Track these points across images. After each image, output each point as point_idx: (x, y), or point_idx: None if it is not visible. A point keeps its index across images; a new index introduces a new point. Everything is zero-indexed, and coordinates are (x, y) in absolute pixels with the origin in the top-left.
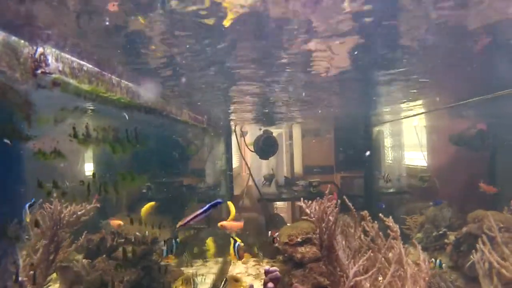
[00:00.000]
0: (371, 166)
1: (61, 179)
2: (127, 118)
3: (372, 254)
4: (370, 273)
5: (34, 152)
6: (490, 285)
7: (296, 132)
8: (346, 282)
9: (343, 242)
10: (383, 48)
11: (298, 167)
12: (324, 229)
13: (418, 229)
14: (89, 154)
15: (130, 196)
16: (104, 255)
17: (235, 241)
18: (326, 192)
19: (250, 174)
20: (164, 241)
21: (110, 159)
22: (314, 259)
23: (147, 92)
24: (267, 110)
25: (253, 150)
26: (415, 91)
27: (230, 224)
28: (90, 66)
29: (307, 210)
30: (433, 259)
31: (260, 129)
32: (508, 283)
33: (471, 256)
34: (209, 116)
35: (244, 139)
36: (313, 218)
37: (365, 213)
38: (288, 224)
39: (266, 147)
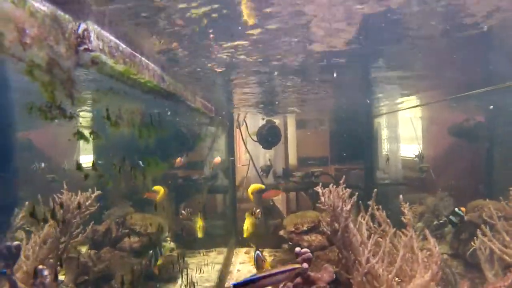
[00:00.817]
0: (370, 158)
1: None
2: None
3: (381, 240)
4: (380, 254)
5: (73, 132)
6: (491, 270)
7: (291, 123)
8: (360, 268)
9: (355, 229)
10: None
11: (292, 158)
12: (338, 215)
13: (418, 219)
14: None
15: (128, 187)
16: (109, 246)
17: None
18: (341, 181)
19: (254, 165)
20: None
21: (108, 151)
22: (320, 247)
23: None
24: (263, 97)
25: (255, 139)
26: (413, 83)
27: None
28: (124, 46)
29: (322, 198)
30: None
31: (263, 119)
32: (508, 267)
33: (472, 243)
34: (213, 103)
35: (247, 128)
36: (326, 206)
37: (373, 202)
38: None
39: (270, 136)
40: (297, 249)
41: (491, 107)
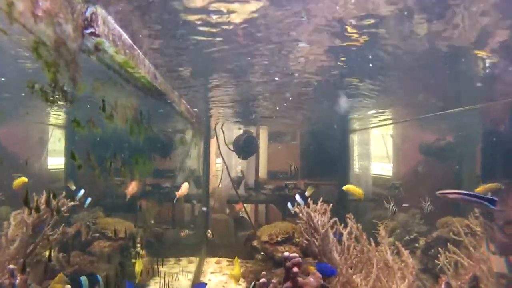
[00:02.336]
0: (342, 173)
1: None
2: None
3: (359, 251)
4: (358, 265)
5: (71, 120)
6: (458, 282)
7: (263, 135)
8: (340, 277)
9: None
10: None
11: (263, 171)
12: (317, 226)
13: (389, 234)
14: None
15: (96, 193)
16: (78, 250)
17: None
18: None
19: (229, 175)
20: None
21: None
22: None
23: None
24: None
25: (232, 149)
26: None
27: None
28: (126, 36)
29: (300, 214)
30: None
31: (240, 129)
32: (473, 280)
33: (440, 259)
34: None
35: (224, 137)
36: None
37: (350, 215)
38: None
39: (247, 147)
40: (286, 253)
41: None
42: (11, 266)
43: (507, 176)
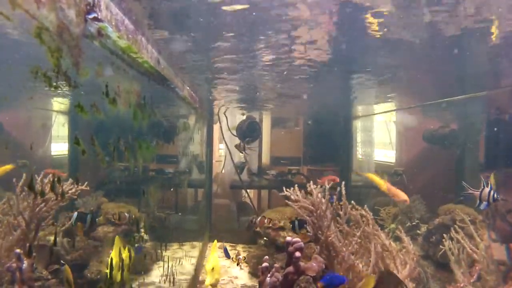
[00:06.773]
0: (345, 160)
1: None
2: None
3: (361, 238)
4: (360, 251)
5: (74, 105)
6: (460, 269)
7: (266, 121)
8: (343, 263)
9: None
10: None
11: (265, 157)
12: (320, 212)
13: (391, 220)
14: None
15: (95, 177)
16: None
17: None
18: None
19: (232, 160)
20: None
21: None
22: None
23: None
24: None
25: (235, 134)
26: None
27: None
28: (128, 21)
29: (292, 197)
30: None
31: (243, 114)
32: (473, 265)
33: (444, 244)
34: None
35: (227, 123)
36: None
37: (343, 202)
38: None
39: (250, 132)
40: (288, 238)
41: None
42: (18, 250)
43: (511, 165)
